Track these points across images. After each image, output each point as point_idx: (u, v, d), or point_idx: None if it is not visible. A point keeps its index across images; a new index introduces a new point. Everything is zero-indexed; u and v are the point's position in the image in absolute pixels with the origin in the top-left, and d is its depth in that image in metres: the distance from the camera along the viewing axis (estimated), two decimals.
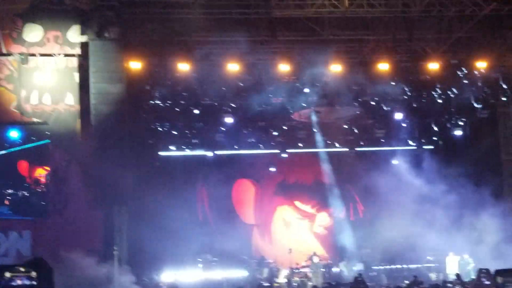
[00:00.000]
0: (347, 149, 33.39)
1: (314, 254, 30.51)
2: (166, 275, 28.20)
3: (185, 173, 31.35)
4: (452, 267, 28.43)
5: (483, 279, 12.32)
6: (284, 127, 31.02)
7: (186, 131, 29.82)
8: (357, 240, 33.44)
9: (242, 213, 33.83)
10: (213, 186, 32.18)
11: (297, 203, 34.26)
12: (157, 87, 26.62)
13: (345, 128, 32.55)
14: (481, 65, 26.48)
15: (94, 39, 24.08)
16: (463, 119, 30.32)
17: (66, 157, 24.99)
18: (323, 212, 34.61)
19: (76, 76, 24.57)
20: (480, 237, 28.85)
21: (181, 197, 30.15)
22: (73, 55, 24.66)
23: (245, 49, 25.77)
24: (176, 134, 29.74)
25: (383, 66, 26.67)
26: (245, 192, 34.00)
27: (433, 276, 29.40)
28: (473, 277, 21.90)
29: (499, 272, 4.37)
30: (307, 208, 34.63)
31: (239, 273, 29.93)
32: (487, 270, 13.58)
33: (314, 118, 29.99)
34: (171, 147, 30.79)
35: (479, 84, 27.52)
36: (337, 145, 33.37)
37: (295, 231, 34.20)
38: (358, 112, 31.39)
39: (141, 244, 27.72)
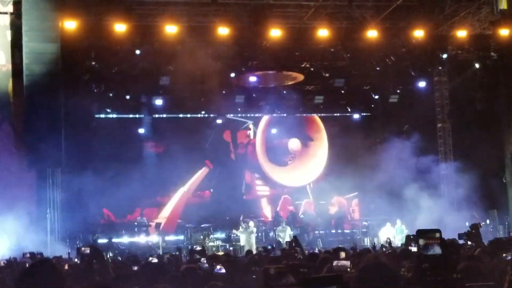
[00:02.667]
0: (285, 115, 33.54)
1: (250, 219, 30.60)
2: (101, 239, 27.91)
3: (122, 136, 30.93)
4: (387, 233, 28.86)
5: (411, 246, 12.46)
6: (223, 92, 30.85)
7: (123, 93, 29.44)
8: None
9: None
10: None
11: None
12: (93, 48, 26.06)
13: (284, 93, 32.56)
14: (419, 33, 26.64)
15: None
16: (400, 87, 30.65)
17: None
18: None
19: (9, 35, 23.94)
20: (416, 204, 29.22)
21: (117, 159, 29.82)
22: (5, 13, 23.96)
23: (184, 11, 25.46)
24: (112, 96, 29.34)
25: (323, 33, 26.62)
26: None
27: (366, 240, 29.83)
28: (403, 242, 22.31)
29: (420, 233, 4.41)
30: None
31: (176, 237, 29.94)
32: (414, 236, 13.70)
33: (253, 83, 29.80)
34: (107, 110, 30.41)
35: (417, 52, 27.73)
36: (276, 110, 33.46)
37: None
38: (298, 78, 31.43)
39: (76, 207, 27.40)
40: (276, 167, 35.16)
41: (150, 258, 16.54)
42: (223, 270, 10.65)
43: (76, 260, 18.35)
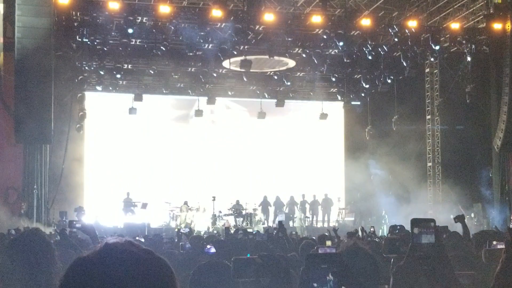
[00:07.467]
0: (275, 100, 33.54)
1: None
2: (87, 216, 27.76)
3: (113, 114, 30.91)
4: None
5: (395, 234, 12.58)
6: (214, 74, 30.80)
7: (114, 72, 29.32)
8: None
9: None
10: None
11: None
12: (85, 25, 25.81)
13: (275, 79, 32.52)
14: (412, 24, 26.62)
15: None
16: (391, 77, 30.68)
17: None
18: None
19: (1, 8, 23.73)
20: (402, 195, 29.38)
21: None
22: None
23: None
24: (103, 74, 29.19)
25: (316, 19, 26.52)
26: None
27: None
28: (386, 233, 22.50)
29: (415, 222, 4.48)
30: None
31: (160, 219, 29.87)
32: (400, 226, 13.89)
33: (244, 67, 29.69)
34: (98, 87, 30.29)
35: (409, 42, 27.71)
36: (266, 95, 33.44)
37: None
38: (289, 64, 31.36)
39: (62, 183, 27.38)
40: None
41: (137, 238, 16.49)
42: (213, 250, 10.65)
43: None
